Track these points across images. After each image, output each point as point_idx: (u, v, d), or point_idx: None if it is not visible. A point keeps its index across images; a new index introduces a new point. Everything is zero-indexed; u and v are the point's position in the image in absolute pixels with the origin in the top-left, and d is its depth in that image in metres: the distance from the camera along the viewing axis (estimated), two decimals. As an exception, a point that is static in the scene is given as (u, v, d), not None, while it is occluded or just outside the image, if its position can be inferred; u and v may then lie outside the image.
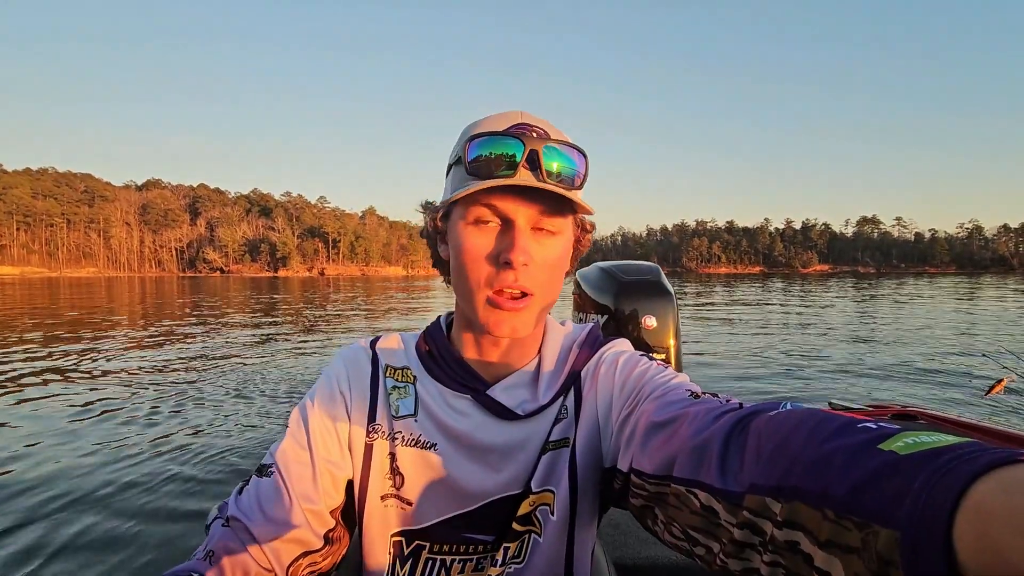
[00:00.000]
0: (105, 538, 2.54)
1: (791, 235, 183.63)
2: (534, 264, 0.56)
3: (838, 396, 5.15)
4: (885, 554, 0.26)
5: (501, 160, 0.55)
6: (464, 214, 0.57)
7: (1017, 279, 54.55)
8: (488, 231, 0.57)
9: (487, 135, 0.56)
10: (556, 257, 0.59)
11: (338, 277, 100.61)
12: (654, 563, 1.46)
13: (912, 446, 0.29)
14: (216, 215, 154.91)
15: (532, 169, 0.55)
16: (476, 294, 0.57)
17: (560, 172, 0.56)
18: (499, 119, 0.58)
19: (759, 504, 0.36)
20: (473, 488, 0.61)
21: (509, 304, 0.56)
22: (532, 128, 0.57)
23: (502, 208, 0.55)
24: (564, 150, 0.56)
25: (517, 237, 0.55)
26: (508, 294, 0.56)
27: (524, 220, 0.56)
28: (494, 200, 0.55)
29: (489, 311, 0.57)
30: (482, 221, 0.56)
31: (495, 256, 0.56)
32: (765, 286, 36.86)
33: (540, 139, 0.55)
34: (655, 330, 1.75)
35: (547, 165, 0.55)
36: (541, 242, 0.57)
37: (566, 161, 0.57)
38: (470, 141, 0.56)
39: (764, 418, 0.41)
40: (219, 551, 0.55)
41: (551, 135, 0.58)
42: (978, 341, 8.99)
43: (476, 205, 0.56)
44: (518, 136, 0.55)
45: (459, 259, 0.58)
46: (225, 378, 6.17)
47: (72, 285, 41.71)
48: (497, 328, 0.57)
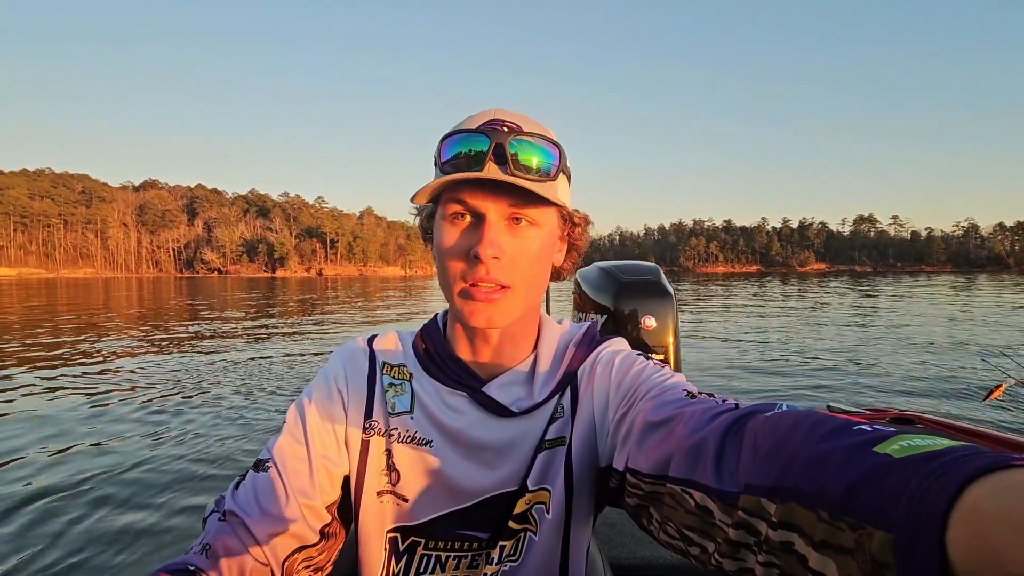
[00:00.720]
0: (108, 529, 2.60)
1: (788, 234, 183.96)
2: (507, 257, 0.56)
3: (835, 399, 5.17)
4: (879, 556, 0.26)
5: (471, 156, 0.56)
6: (443, 212, 0.58)
7: (1013, 277, 54.81)
8: (460, 226, 0.57)
9: (458, 133, 0.57)
10: (535, 250, 0.58)
11: (336, 277, 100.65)
12: (649, 562, 1.46)
13: (907, 449, 0.29)
14: (214, 215, 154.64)
15: (500, 163, 0.55)
16: (453, 288, 0.58)
17: (531, 165, 0.56)
18: (474, 118, 0.59)
19: (754, 504, 0.36)
20: (468, 485, 0.61)
21: (482, 295, 0.56)
22: (504, 123, 0.58)
23: (472, 203, 0.56)
24: (535, 142, 0.57)
25: (485, 231, 0.55)
26: (483, 287, 0.56)
27: (495, 214, 0.56)
28: (465, 195, 0.56)
29: (463, 301, 0.58)
30: (456, 216, 0.57)
31: (466, 250, 0.56)
32: (762, 285, 36.95)
33: (509, 132, 0.56)
34: (654, 330, 1.74)
35: (519, 158, 0.55)
36: (518, 234, 0.57)
37: (538, 153, 0.57)
38: (443, 141, 0.58)
39: (760, 419, 0.41)
40: (215, 545, 0.56)
41: (524, 128, 0.58)
42: (975, 343, 8.98)
43: (451, 202, 0.57)
44: (486, 132, 0.56)
45: (437, 255, 0.59)
46: (227, 375, 6.20)
47: (70, 286, 41.76)
48: (472, 318, 0.57)
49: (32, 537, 2.53)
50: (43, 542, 2.49)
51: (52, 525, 2.65)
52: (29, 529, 2.61)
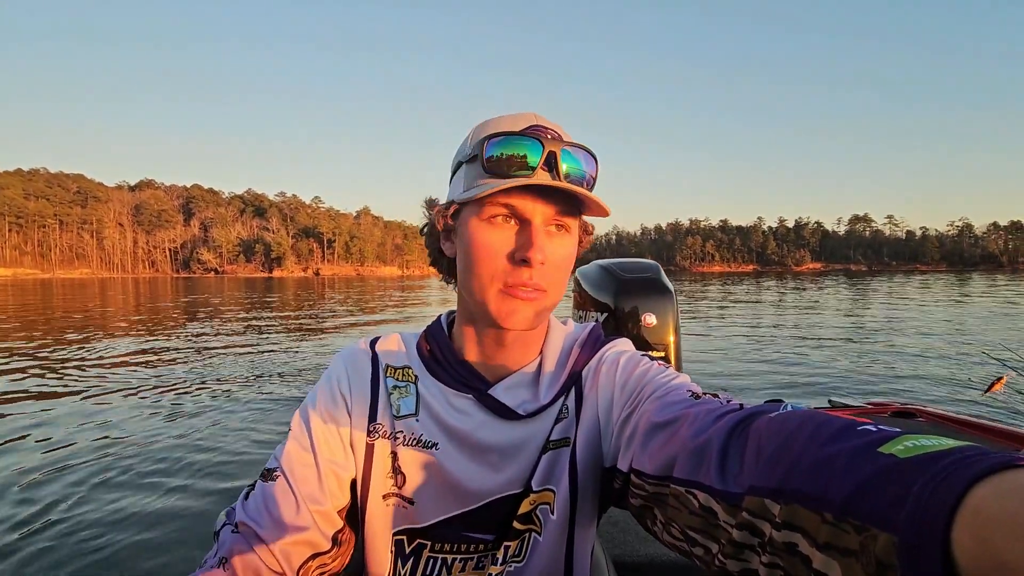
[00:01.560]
0: (112, 520, 2.69)
1: (784, 233, 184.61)
2: (549, 263, 0.57)
3: (837, 394, 5.15)
4: (883, 558, 0.26)
5: (519, 160, 0.56)
6: (479, 212, 0.57)
7: (1007, 276, 54.91)
8: (505, 228, 0.57)
9: (504, 135, 0.57)
10: (567, 255, 0.60)
11: (333, 277, 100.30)
12: (653, 562, 1.47)
13: (912, 449, 0.29)
14: (210, 215, 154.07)
15: (550, 170, 0.56)
16: (488, 288, 0.58)
17: (574, 174, 0.58)
18: (514, 120, 0.59)
19: (758, 505, 0.36)
20: (474, 487, 0.61)
21: (525, 295, 0.57)
22: (547, 130, 0.58)
23: (520, 207, 0.56)
24: (577, 153, 0.58)
25: (535, 236, 0.56)
26: (524, 290, 0.57)
27: (541, 219, 0.57)
28: (512, 199, 0.56)
29: (503, 300, 0.57)
30: (498, 218, 0.57)
31: (511, 254, 0.56)
32: (759, 284, 37.06)
33: (556, 141, 0.57)
34: (655, 328, 1.74)
35: (567, 167, 0.57)
36: (554, 240, 0.58)
37: (580, 163, 0.58)
38: (487, 140, 0.57)
39: (764, 419, 0.41)
40: (230, 557, 0.56)
41: (565, 138, 0.59)
42: (975, 338, 9.00)
43: (492, 204, 0.56)
44: (536, 137, 0.56)
45: (472, 255, 0.58)
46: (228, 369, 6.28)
47: (65, 286, 41.34)
48: (510, 318, 0.57)
49: (35, 537, 2.56)
50: (50, 542, 2.51)
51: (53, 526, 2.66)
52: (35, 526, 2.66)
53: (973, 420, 1.63)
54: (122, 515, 2.77)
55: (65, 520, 2.72)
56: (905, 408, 1.82)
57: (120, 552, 2.44)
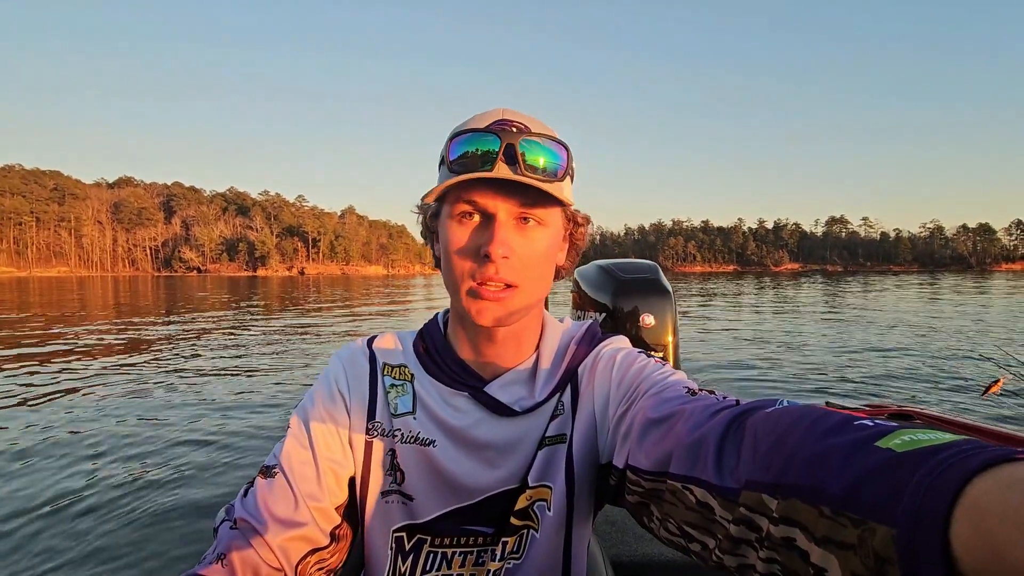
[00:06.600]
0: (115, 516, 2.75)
1: (763, 234, 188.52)
2: (516, 256, 0.57)
3: (832, 396, 5.21)
4: (882, 551, 0.26)
5: (480, 156, 0.56)
6: (450, 211, 0.58)
7: (975, 277, 55.02)
8: (470, 225, 0.57)
9: (467, 132, 0.57)
10: (542, 249, 0.59)
11: (318, 276, 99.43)
12: (650, 559, 1.47)
13: (909, 443, 0.29)
14: (192, 214, 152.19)
15: (510, 163, 0.56)
16: (460, 286, 0.58)
17: (539, 165, 0.56)
18: (482, 117, 0.59)
19: (755, 500, 0.36)
20: (472, 483, 0.62)
21: (491, 294, 0.57)
22: (512, 123, 0.58)
23: (482, 202, 0.56)
24: (544, 143, 0.57)
25: (496, 230, 0.55)
26: (491, 286, 0.57)
27: (504, 213, 0.56)
28: (475, 195, 0.56)
29: (471, 300, 0.58)
30: (464, 215, 0.57)
31: (476, 249, 0.56)
32: (739, 283, 37.61)
33: (519, 133, 0.56)
34: (653, 328, 1.74)
35: (528, 158, 0.56)
36: (526, 234, 0.58)
37: (546, 154, 0.57)
38: (452, 140, 0.58)
39: (761, 415, 0.41)
40: (229, 553, 0.56)
41: (533, 129, 0.58)
42: (967, 340, 8.96)
43: (459, 201, 0.57)
44: (496, 132, 0.56)
45: (445, 254, 0.59)
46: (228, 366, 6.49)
47: (42, 284, 40.02)
48: (480, 317, 0.57)
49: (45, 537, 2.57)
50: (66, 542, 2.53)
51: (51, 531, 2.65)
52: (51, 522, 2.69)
53: (971, 423, 1.64)
54: (122, 515, 2.81)
55: (65, 520, 2.74)
56: (902, 410, 1.82)
57: (120, 551, 2.48)
